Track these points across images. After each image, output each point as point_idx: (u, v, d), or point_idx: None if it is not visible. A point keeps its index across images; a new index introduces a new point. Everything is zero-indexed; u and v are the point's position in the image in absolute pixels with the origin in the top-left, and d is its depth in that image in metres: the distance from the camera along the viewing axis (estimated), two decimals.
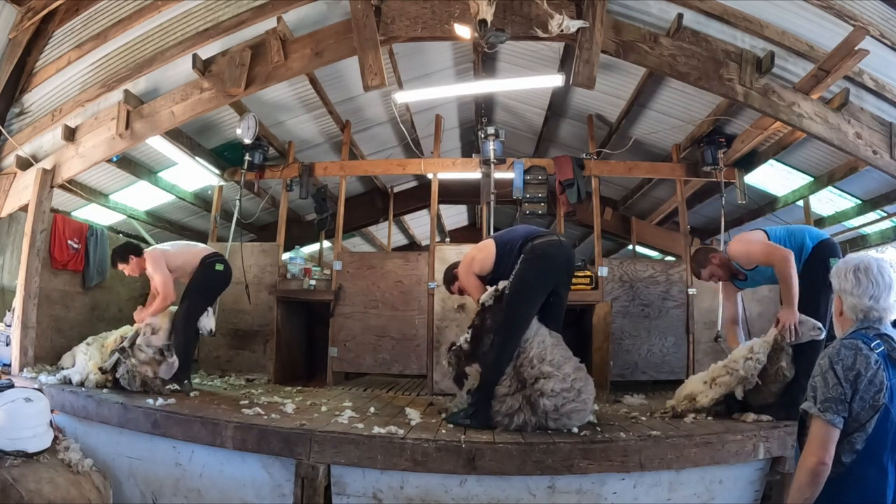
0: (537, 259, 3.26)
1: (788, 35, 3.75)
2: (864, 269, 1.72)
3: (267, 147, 5.55)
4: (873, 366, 1.61)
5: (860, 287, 1.71)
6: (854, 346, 1.66)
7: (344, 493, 2.77)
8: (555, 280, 3.34)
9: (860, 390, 1.61)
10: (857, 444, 1.63)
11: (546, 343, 3.13)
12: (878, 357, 1.63)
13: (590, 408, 3.10)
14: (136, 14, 4.05)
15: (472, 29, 3.54)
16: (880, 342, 1.66)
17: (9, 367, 4.15)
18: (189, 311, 4.03)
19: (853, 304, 1.73)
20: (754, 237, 3.41)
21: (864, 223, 5.63)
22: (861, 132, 3.77)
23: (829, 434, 1.62)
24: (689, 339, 4.90)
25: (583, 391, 3.02)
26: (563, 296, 3.45)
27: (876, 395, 1.61)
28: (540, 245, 3.30)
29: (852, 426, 1.63)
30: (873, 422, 1.61)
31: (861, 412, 1.62)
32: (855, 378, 1.62)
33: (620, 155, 5.59)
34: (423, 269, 5.12)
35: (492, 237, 3.61)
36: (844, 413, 1.62)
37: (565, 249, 3.41)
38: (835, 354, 1.67)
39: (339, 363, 5.13)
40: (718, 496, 2.80)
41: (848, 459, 1.64)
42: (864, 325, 1.71)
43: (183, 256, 4.22)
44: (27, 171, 4.41)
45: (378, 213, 8.16)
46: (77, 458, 3.08)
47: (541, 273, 3.27)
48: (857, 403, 1.62)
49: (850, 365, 1.63)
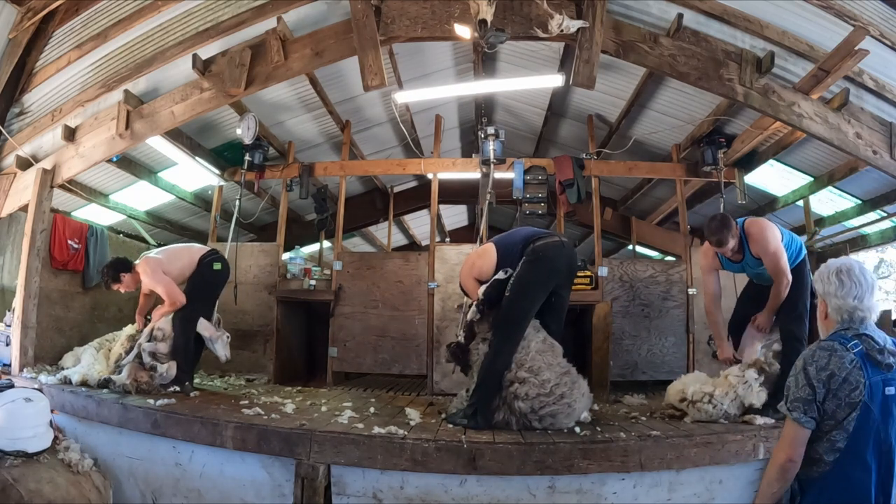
0: (539, 261, 3.27)
1: (788, 35, 3.74)
2: (847, 270, 1.77)
3: (267, 147, 5.55)
4: (848, 365, 1.67)
5: (844, 288, 1.76)
6: (830, 347, 1.72)
7: (344, 493, 2.77)
8: (556, 281, 3.34)
9: (833, 389, 1.67)
10: (839, 443, 1.68)
11: (530, 349, 3.18)
12: (854, 356, 1.67)
13: (577, 409, 3.10)
14: (136, 14, 4.05)
15: (472, 29, 3.54)
16: (858, 342, 1.70)
17: (9, 367, 4.15)
18: (188, 312, 4.01)
19: (838, 306, 1.77)
20: (775, 235, 3.33)
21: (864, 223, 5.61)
22: (861, 132, 3.77)
23: (797, 432, 1.71)
24: (689, 339, 4.90)
25: (566, 395, 3.06)
26: (564, 296, 3.46)
27: (851, 393, 1.66)
28: (541, 247, 3.30)
29: (829, 424, 1.69)
30: (853, 419, 1.65)
31: (836, 410, 1.67)
32: (828, 378, 1.68)
33: (620, 155, 5.59)
34: (423, 269, 5.12)
35: (493, 241, 3.61)
36: (812, 414, 1.69)
37: (567, 250, 3.41)
38: (809, 356, 1.74)
39: (339, 363, 5.13)
40: (718, 496, 2.80)
41: (831, 458, 1.69)
42: (845, 326, 1.76)
43: (178, 262, 4.12)
44: (27, 171, 4.41)
45: (378, 213, 8.15)
46: (77, 458, 3.08)
47: (542, 275, 3.27)
48: (832, 402, 1.68)
49: (823, 365, 1.69)
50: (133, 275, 4.06)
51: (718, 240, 3.30)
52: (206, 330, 4.09)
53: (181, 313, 4.00)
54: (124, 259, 4.19)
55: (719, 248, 3.35)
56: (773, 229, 3.37)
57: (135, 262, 4.10)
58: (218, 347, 4.12)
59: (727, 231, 3.28)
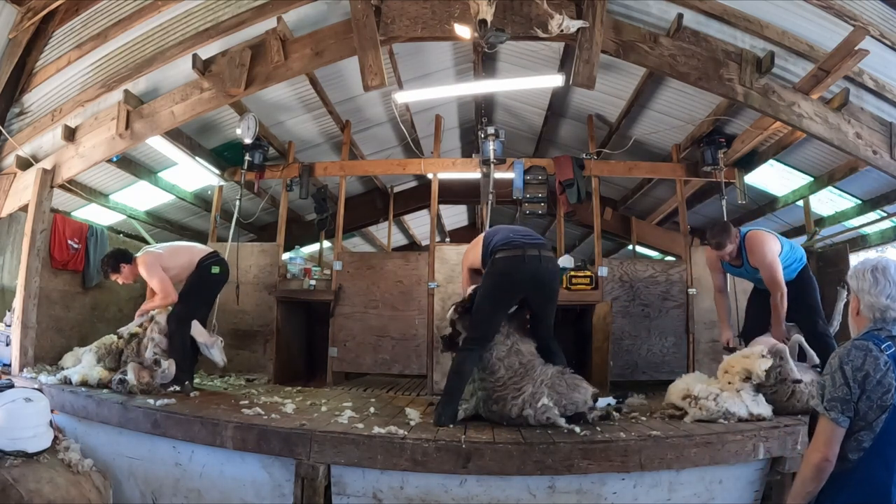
0: (493, 275, 3.30)
1: (788, 35, 3.75)
2: (882, 269, 1.76)
3: (267, 147, 5.55)
4: (882, 367, 1.65)
5: (878, 286, 1.75)
6: (864, 347, 1.70)
7: (344, 493, 2.77)
8: (518, 293, 3.34)
9: (867, 391, 1.66)
10: (865, 443, 1.68)
11: (492, 357, 3.23)
12: (887, 358, 1.66)
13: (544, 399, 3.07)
14: (136, 14, 4.05)
15: (472, 29, 3.54)
16: (891, 344, 1.69)
17: (9, 367, 4.15)
18: (184, 313, 4.01)
19: (871, 303, 1.77)
20: (772, 248, 3.52)
21: (864, 223, 5.62)
22: (861, 132, 3.77)
23: (834, 432, 1.68)
24: (689, 339, 4.91)
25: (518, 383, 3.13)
26: (542, 305, 3.40)
27: (884, 396, 1.65)
28: (500, 260, 3.29)
29: (859, 424, 1.68)
30: (881, 421, 1.65)
31: (868, 412, 1.66)
32: (863, 379, 1.66)
33: (620, 155, 5.59)
34: (423, 269, 5.12)
35: (484, 233, 3.67)
36: (849, 413, 1.67)
37: (528, 265, 3.25)
38: (845, 355, 1.71)
39: (339, 363, 5.13)
40: (718, 496, 2.80)
41: (855, 457, 1.69)
42: (878, 325, 1.75)
43: (177, 260, 4.14)
44: (27, 171, 4.41)
45: (378, 213, 8.15)
46: (77, 458, 3.08)
47: (496, 289, 3.29)
48: (864, 403, 1.66)
49: (858, 365, 1.67)
50: (132, 267, 4.10)
51: (718, 243, 3.56)
52: (201, 336, 4.08)
53: (176, 313, 4.00)
54: (125, 250, 4.27)
55: (717, 250, 3.59)
56: (771, 242, 3.53)
57: (136, 255, 4.13)
58: (215, 353, 4.13)
59: (726, 236, 3.54)
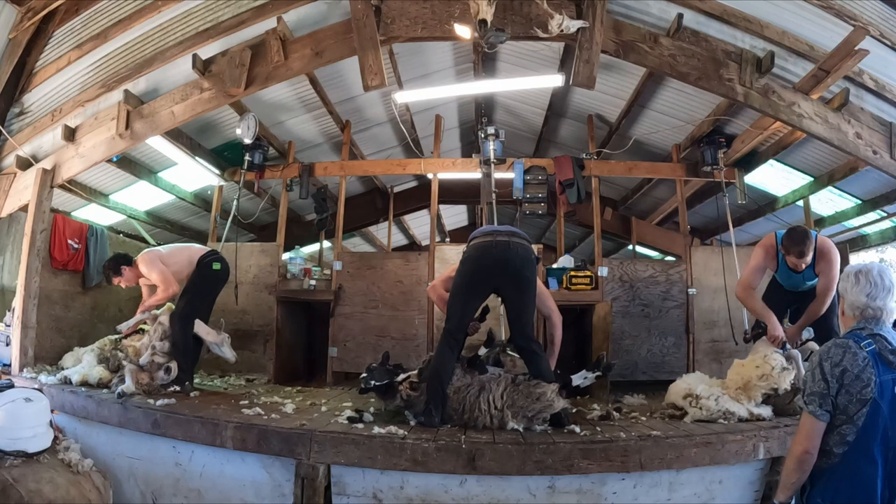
0: (466, 261, 3.32)
1: (788, 35, 3.75)
2: (865, 271, 1.88)
3: (267, 147, 5.56)
4: (861, 363, 1.75)
5: (858, 286, 1.86)
6: (844, 344, 1.81)
7: (344, 493, 2.77)
8: (488, 280, 3.27)
9: (846, 385, 1.75)
10: (848, 437, 1.76)
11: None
12: (866, 355, 1.76)
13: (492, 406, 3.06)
14: (136, 14, 4.05)
15: (472, 29, 3.55)
16: (871, 341, 1.78)
17: (9, 367, 4.15)
18: (187, 311, 4.02)
19: (851, 302, 1.88)
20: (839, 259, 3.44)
21: (864, 223, 5.63)
22: (861, 132, 3.77)
23: (814, 425, 1.79)
24: (689, 339, 4.91)
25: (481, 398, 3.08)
26: (514, 296, 3.27)
27: (863, 390, 1.73)
28: (471, 247, 3.33)
29: (840, 419, 1.77)
30: (862, 415, 1.73)
31: (848, 405, 1.75)
32: (841, 374, 1.76)
33: (620, 155, 5.59)
34: (423, 269, 5.12)
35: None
36: (827, 407, 1.77)
37: (496, 249, 3.20)
38: (825, 352, 1.83)
39: (339, 363, 5.13)
40: (718, 496, 2.80)
41: (840, 451, 1.77)
42: (861, 325, 1.85)
43: (177, 259, 4.17)
44: (27, 171, 4.41)
45: (378, 213, 8.16)
46: (77, 458, 3.06)
47: (465, 276, 3.30)
48: (843, 397, 1.76)
49: (837, 361, 1.78)
50: (134, 269, 4.12)
51: (801, 251, 3.33)
52: (209, 335, 4.11)
53: (179, 311, 4.02)
54: (126, 254, 4.32)
55: (799, 258, 3.35)
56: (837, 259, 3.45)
57: (136, 258, 4.15)
58: (225, 350, 4.18)
59: (809, 244, 3.33)
